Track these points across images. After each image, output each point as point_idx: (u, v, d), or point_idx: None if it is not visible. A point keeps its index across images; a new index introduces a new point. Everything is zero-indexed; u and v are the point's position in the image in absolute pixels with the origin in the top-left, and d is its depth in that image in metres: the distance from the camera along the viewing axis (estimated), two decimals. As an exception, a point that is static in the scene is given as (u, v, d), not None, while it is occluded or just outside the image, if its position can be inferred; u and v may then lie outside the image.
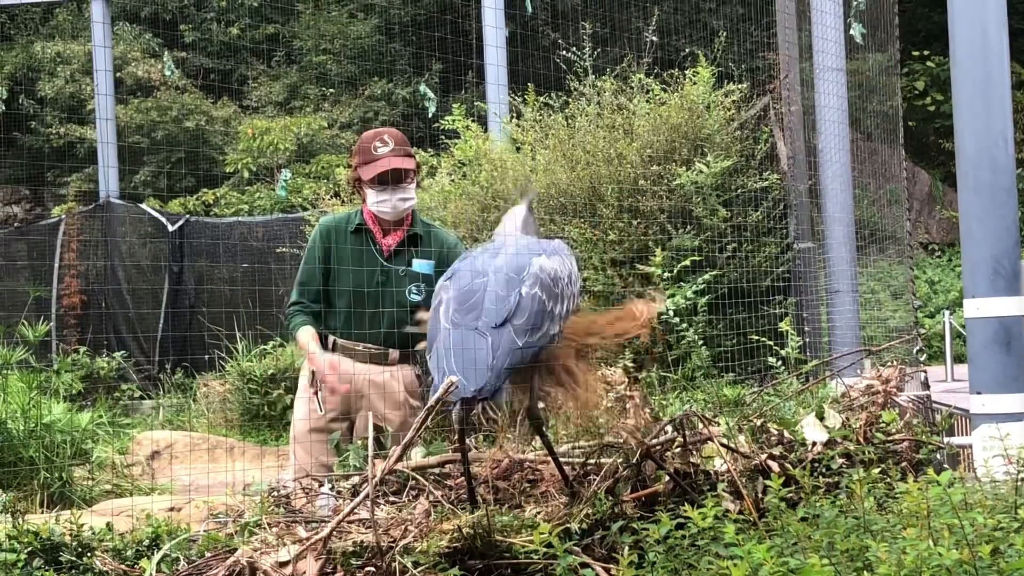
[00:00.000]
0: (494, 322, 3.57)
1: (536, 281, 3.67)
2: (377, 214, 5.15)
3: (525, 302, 3.62)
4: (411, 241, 5.20)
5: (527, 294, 3.63)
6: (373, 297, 5.04)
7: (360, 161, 5.15)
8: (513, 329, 3.56)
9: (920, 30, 21.60)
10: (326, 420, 5.09)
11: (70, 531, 3.69)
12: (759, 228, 9.15)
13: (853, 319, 8.90)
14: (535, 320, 3.60)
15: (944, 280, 20.16)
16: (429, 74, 19.49)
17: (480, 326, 3.57)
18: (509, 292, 3.64)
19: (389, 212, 5.12)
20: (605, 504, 3.59)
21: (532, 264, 3.73)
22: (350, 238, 5.15)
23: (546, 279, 3.70)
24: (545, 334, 3.64)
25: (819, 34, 8.95)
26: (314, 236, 5.21)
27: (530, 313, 3.60)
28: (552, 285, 3.71)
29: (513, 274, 3.70)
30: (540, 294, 3.65)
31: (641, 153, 9.20)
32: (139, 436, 10.80)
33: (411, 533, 3.35)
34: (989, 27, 5.23)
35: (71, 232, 15.31)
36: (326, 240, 5.15)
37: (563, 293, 3.76)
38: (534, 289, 3.65)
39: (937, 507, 3.16)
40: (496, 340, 3.53)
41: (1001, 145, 5.19)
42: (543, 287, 3.67)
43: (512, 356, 3.53)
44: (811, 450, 4.25)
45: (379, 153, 5.10)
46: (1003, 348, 5.07)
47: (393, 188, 5.06)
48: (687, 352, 8.32)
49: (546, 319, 3.64)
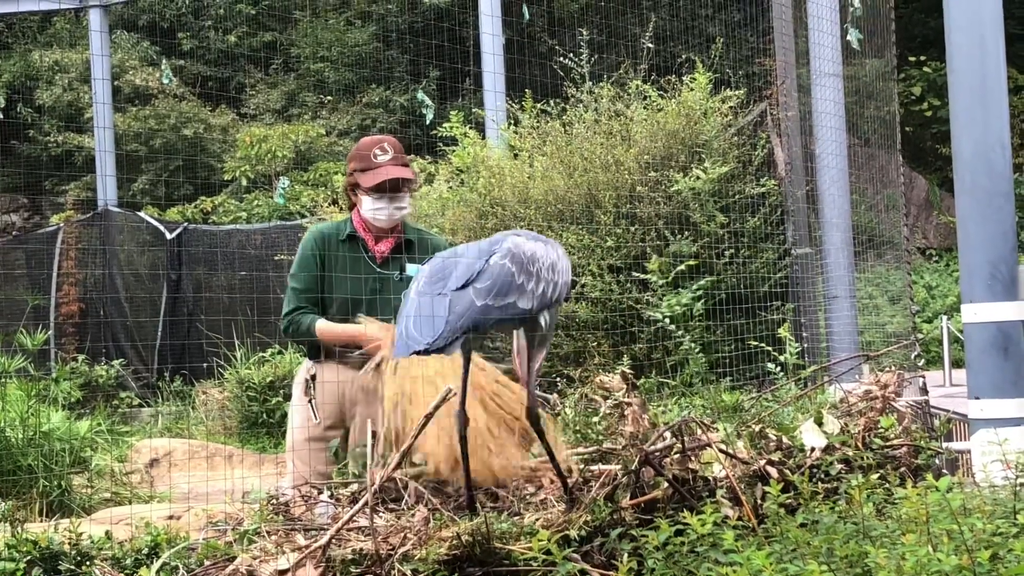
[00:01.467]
0: (456, 285, 3.60)
1: (507, 254, 3.68)
2: (371, 221, 5.12)
3: (492, 268, 3.63)
4: (403, 247, 5.18)
5: (495, 263, 3.64)
6: (367, 304, 5.00)
7: (358, 167, 5.13)
8: (474, 291, 3.57)
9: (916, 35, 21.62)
10: (322, 428, 5.07)
11: (69, 540, 3.68)
12: (757, 234, 9.16)
13: (851, 324, 8.91)
14: (500, 287, 3.59)
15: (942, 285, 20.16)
16: (427, 81, 19.52)
17: (444, 290, 3.60)
18: (479, 260, 3.67)
19: (384, 220, 5.11)
20: (604, 511, 3.59)
21: (507, 240, 3.76)
22: (343, 246, 5.11)
23: (520, 254, 3.70)
24: (512, 305, 3.62)
25: (816, 40, 8.98)
26: (307, 244, 5.14)
27: (495, 278, 3.60)
28: (527, 263, 3.70)
29: (486, 247, 3.75)
30: (510, 265, 3.64)
31: (639, 159, 9.21)
32: (138, 444, 10.80)
33: (410, 541, 3.34)
34: (986, 33, 5.23)
35: (69, 240, 15.31)
36: (320, 248, 5.10)
37: (539, 275, 3.73)
38: (504, 260, 3.65)
39: (936, 513, 3.16)
40: (455, 300, 3.56)
41: (998, 150, 5.20)
42: (514, 260, 3.67)
43: (470, 314, 3.53)
44: (810, 456, 4.24)
45: (379, 161, 5.08)
46: (1001, 353, 5.07)
47: (391, 197, 5.05)
48: (685, 358, 8.33)
49: (514, 290, 3.62)
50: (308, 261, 5.10)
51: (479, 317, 3.55)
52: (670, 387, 7.89)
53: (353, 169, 5.17)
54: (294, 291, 5.09)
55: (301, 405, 5.15)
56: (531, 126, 10.24)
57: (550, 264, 3.81)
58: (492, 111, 11.97)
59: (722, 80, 10.04)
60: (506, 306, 3.62)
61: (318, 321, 5.00)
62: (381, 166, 5.06)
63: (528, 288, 3.68)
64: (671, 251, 8.82)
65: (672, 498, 3.76)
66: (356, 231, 5.14)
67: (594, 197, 9.23)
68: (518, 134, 10.28)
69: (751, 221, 9.12)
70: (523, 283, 3.67)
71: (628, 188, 9.13)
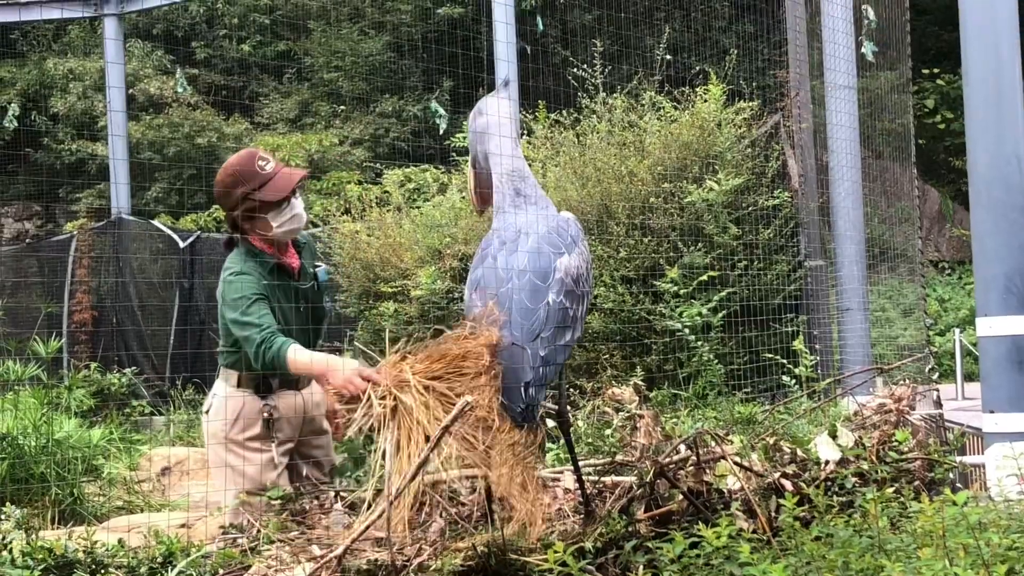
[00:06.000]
0: (526, 338, 3.59)
1: (561, 287, 3.69)
2: (284, 235, 4.75)
3: (553, 312, 3.64)
4: (299, 251, 4.89)
5: (554, 303, 3.65)
6: (301, 321, 4.74)
7: (253, 187, 4.62)
8: (542, 341, 3.59)
9: (930, 48, 21.60)
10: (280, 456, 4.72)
11: (84, 548, 3.69)
12: (770, 246, 9.15)
13: (864, 337, 8.89)
14: (561, 327, 3.64)
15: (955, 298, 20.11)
16: (440, 91, 19.54)
17: (514, 338, 3.58)
18: (537, 303, 3.64)
19: (298, 224, 4.77)
20: (619, 523, 3.59)
21: (556, 268, 3.72)
22: (270, 276, 4.66)
23: (569, 283, 3.72)
24: (571, 339, 3.70)
25: (830, 52, 8.97)
26: (245, 280, 4.57)
27: (555, 323, 3.63)
28: (575, 287, 3.73)
29: (539, 281, 3.69)
30: (564, 301, 3.66)
31: (652, 171, 9.20)
32: (150, 452, 10.80)
33: (426, 552, 3.35)
34: (1002, 46, 5.23)
35: (83, 248, 15.34)
36: (260, 280, 4.60)
37: (583, 292, 3.79)
38: (559, 296, 3.66)
39: (952, 527, 3.15)
40: (532, 353, 3.57)
41: (1014, 164, 5.19)
42: (567, 293, 3.69)
43: (546, 372, 3.59)
44: (824, 469, 4.24)
45: (269, 169, 4.68)
46: (1016, 367, 5.06)
47: (295, 197, 4.73)
48: (698, 370, 8.32)
49: (569, 325, 3.67)
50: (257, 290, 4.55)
51: (553, 367, 3.62)
52: (683, 399, 7.89)
53: (246, 194, 4.62)
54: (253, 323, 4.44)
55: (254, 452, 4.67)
56: (544, 136, 10.25)
57: (586, 270, 3.83)
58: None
59: (736, 92, 10.03)
60: (565, 345, 3.68)
61: (290, 346, 4.39)
62: (276, 173, 4.68)
63: (579, 314, 3.74)
64: (684, 263, 8.82)
65: (687, 511, 3.76)
66: (274, 257, 4.75)
67: (607, 208, 9.23)
68: (531, 144, 10.28)
69: (764, 233, 9.11)
70: (575, 312, 3.70)
71: (641, 199, 9.13)
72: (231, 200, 4.68)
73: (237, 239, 4.78)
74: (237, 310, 4.48)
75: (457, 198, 10.63)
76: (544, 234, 3.84)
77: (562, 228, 3.91)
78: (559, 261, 3.74)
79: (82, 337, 14.92)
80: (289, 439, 4.76)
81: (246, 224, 4.69)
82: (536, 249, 3.76)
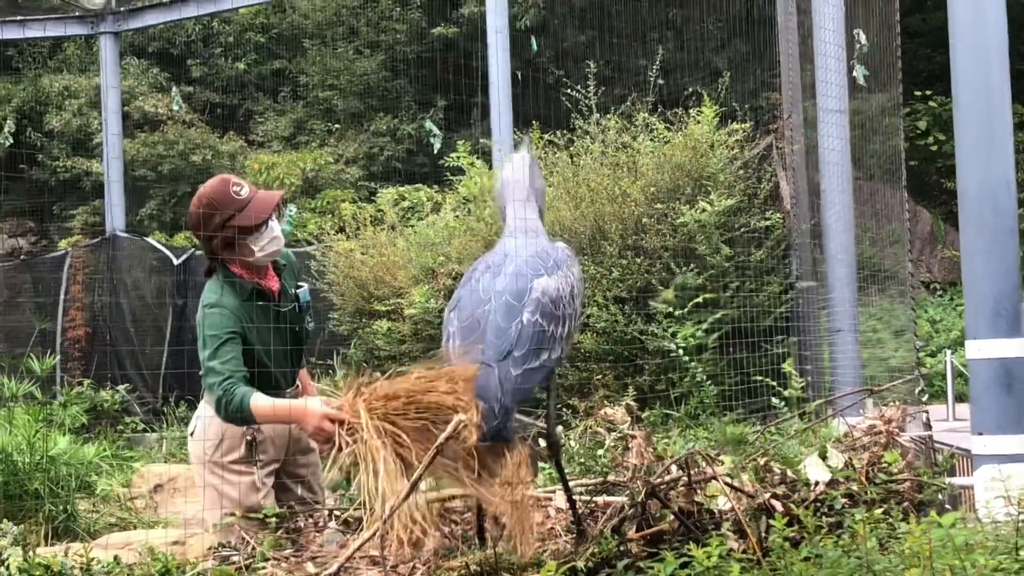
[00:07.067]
0: (496, 357, 3.60)
1: (537, 307, 3.69)
2: (264, 259, 4.67)
3: (525, 330, 3.64)
4: (279, 273, 4.83)
5: (528, 322, 3.65)
6: (283, 343, 4.69)
7: (232, 213, 4.54)
8: (512, 361, 3.59)
9: (922, 70, 21.70)
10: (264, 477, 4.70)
11: (80, 564, 3.71)
12: (762, 267, 9.20)
13: (855, 358, 8.92)
14: (535, 348, 3.63)
15: (945, 319, 20.14)
16: (434, 111, 19.60)
17: (486, 358, 3.60)
18: (510, 322, 3.65)
19: (278, 247, 4.71)
20: (611, 542, 3.62)
21: (533, 288, 3.74)
22: (248, 301, 4.60)
23: (547, 303, 3.71)
24: (547, 360, 3.67)
25: (822, 77, 9.03)
26: (219, 315, 4.48)
27: (531, 340, 3.63)
28: (553, 308, 3.72)
29: (514, 301, 3.71)
30: (540, 320, 3.66)
31: (645, 191, 9.26)
32: (142, 469, 10.80)
33: (419, 571, 3.37)
34: (992, 71, 5.27)
35: (77, 265, 15.34)
36: (236, 312, 4.52)
37: (564, 313, 3.76)
38: (535, 316, 3.67)
39: (939, 548, 3.19)
40: (502, 373, 3.56)
41: (1004, 187, 5.23)
42: (543, 313, 3.68)
43: (516, 393, 3.57)
44: (814, 489, 4.27)
45: (245, 194, 4.59)
46: (1005, 390, 5.09)
47: (271, 219, 4.65)
48: (690, 390, 8.36)
49: (546, 345, 3.66)
50: (230, 325, 4.46)
51: (526, 387, 3.60)
52: (675, 419, 7.92)
53: (225, 221, 4.54)
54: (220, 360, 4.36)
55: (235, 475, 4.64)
56: (538, 157, 10.30)
57: (568, 295, 3.82)
58: (499, 141, 12.03)
59: (729, 113, 10.09)
60: (541, 365, 3.66)
61: (252, 396, 4.25)
62: (253, 197, 4.60)
63: (558, 335, 3.70)
64: (677, 283, 8.86)
65: (678, 530, 3.80)
66: (251, 282, 4.67)
67: (600, 228, 9.28)
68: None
69: (756, 254, 9.16)
70: (552, 332, 3.68)
71: (634, 220, 9.18)
72: (209, 228, 4.59)
73: (216, 267, 4.71)
74: (207, 349, 4.41)
75: (451, 217, 10.68)
76: (528, 258, 3.87)
77: (547, 253, 3.92)
78: (536, 282, 3.75)
79: (76, 354, 14.92)
80: (275, 459, 4.75)
81: (225, 252, 4.62)
82: (516, 272, 3.79)
